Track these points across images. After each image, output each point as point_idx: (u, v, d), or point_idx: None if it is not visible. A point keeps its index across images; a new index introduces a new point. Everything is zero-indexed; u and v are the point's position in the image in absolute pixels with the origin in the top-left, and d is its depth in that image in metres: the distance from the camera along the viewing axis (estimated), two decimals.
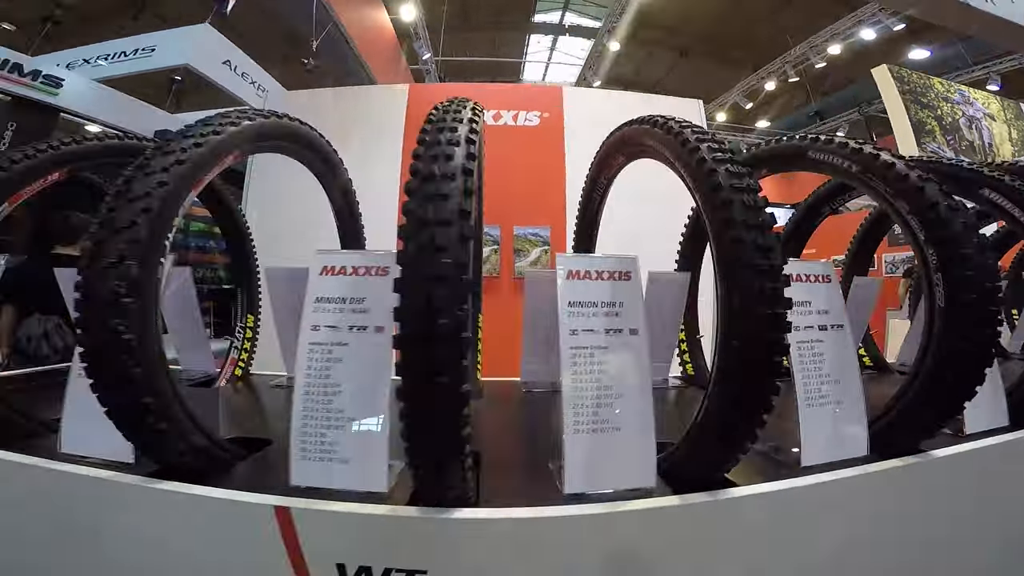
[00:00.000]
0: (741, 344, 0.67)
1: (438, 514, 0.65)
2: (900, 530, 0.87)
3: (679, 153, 0.78)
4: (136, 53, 7.02)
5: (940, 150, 5.96)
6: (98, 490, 0.77)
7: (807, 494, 0.79)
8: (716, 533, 0.75)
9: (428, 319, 0.52)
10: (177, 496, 0.71)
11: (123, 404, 0.71)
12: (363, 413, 0.71)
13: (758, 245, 0.65)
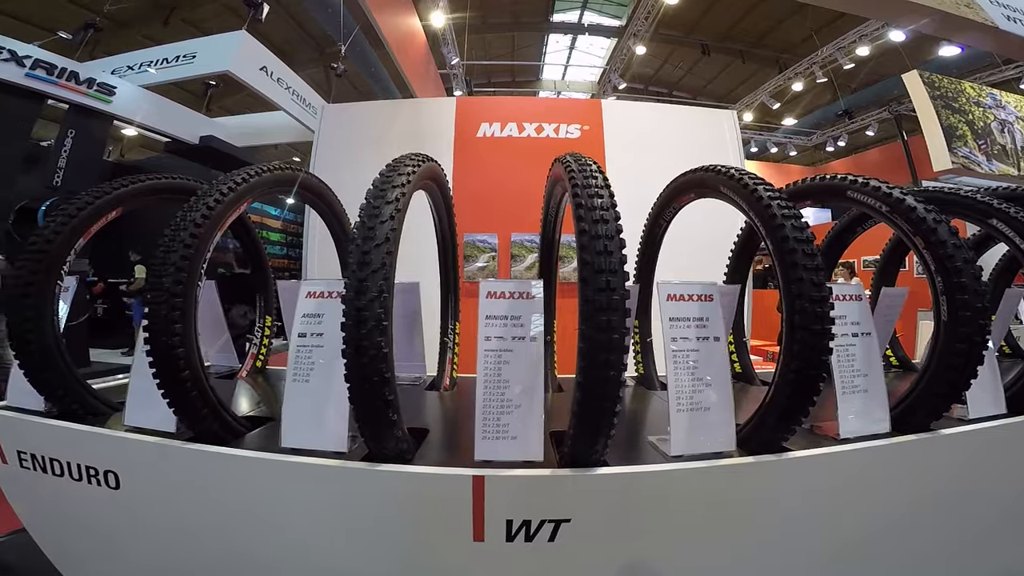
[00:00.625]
0: (801, 349, 0.99)
1: (582, 472, 0.95)
2: (911, 488, 1.19)
3: (754, 206, 1.10)
4: (178, 60, 7.42)
5: (972, 155, 6.12)
6: (317, 474, 0.98)
7: (845, 457, 1.11)
8: (782, 484, 1.07)
9: (608, 334, 0.84)
10: (390, 474, 0.95)
11: (177, 392, 1.05)
12: (526, 401, 1.01)
13: (814, 282, 0.97)
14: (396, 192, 1.02)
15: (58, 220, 1.32)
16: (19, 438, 1.23)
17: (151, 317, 1.06)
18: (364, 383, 0.91)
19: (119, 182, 1.46)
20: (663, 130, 4.04)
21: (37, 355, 1.27)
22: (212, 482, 1.07)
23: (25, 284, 1.26)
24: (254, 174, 1.33)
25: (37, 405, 1.33)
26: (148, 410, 1.18)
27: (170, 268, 1.08)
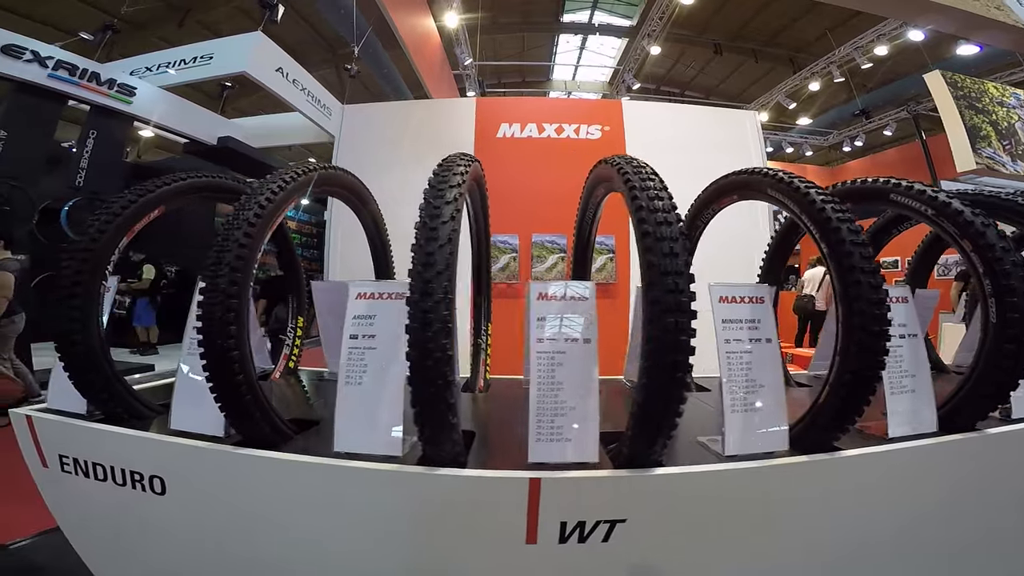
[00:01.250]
0: (858, 351, 1.01)
1: (640, 473, 0.97)
2: (957, 486, 1.22)
3: (807, 209, 1.11)
4: (196, 61, 7.49)
5: (996, 155, 6.06)
6: (373, 479, 0.99)
7: (895, 456, 1.12)
8: (834, 483, 1.09)
9: (676, 335, 0.86)
10: (448, 478, 0.96)
11: (231, 396, 1.05)
12: (580, 403, 1.02)
13: (871, 284, 0.99)
14: (454, 192, 1.03)
15: (102, 219, 1.29)
16: (61, 442, 1.22)
17: (206, 319, 1.03)
18: (429, 386, 0.90)
19: (161, 180, 1.44)
20: (684, 131, 4.05)
21: (82, 357, 1.23)
22: (263, 487, 1.07)
23: (72, 284, 1.21)
24: (302, 172, 1.33)
25: (78, 408, 1.30)
26: (195, 414, 1.18)
27: (224, 268, 1.05)
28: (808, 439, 1.12)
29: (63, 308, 1.20)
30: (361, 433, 1.06)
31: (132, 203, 1.35)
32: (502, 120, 4.10)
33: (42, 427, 1.23)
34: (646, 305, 0.88)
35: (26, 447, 1.25)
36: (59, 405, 1.33)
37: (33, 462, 1.25)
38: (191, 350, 1.19)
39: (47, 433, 1.23)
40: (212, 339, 1.03)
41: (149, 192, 1.40)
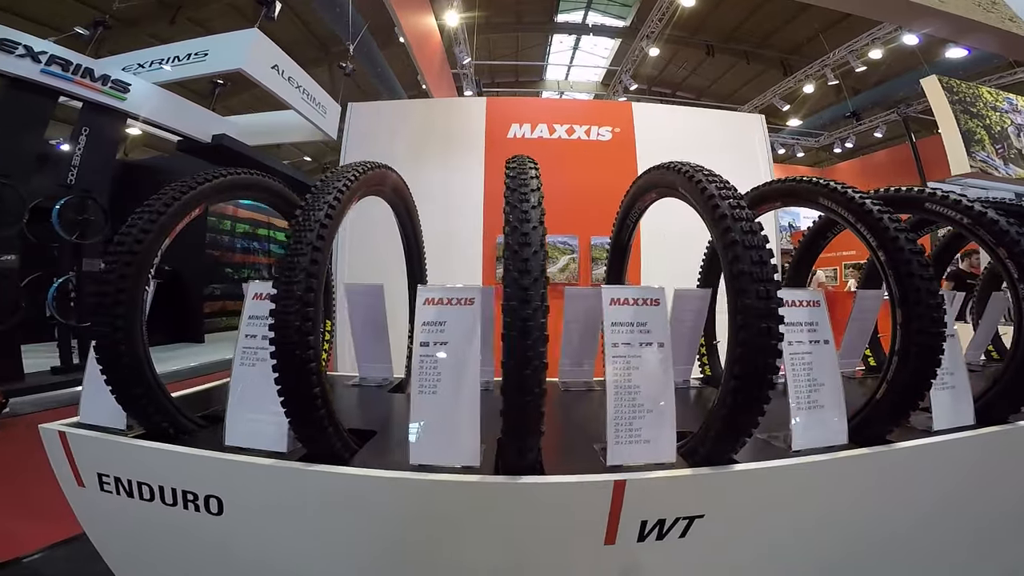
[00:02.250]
0: (919, 350, 1.07)
1: (720, 471, 1.01)
2: (992, 475, 1.33)
3: (864, 218, 1.17)
4: (190, 58, 7.42)
5: (989, 159, 6.27)
6: (455, 491, 0.97)
7: (941, 448, 1.22)
8: (890, 473, 1.16)
9: (768, 339, 0.91)
10: (535, 486, 0.96)
11: (307, 411, 1.00)
12: (657, 405, 1.05)
13: (929, 290, 1.06)
14: (537, 196, 1.03)
15: (145, 218, 1.19)
16: (102, 460, 1.14)
17: (281, 329, 0.96)
18: (525, 395, 0.88)
19: (202, 176, 1.35)
20: (693, 133, 4.12)
21: (128, 369, 1.14)
22: (335, 504, 1.03)
23: (116, 290, 1.12)
24: (363, 170, 1.29)
25: (115, 421, 1.21)
26: (253, 428, 1.12)
27: (300, 274, 0.98)
28: (868, 432, 1.18)
29: (107, 316, 1.11)
30: (439, 444, 1.02)
31: (175, 200, 1.25)
32: (512, 120, 4.12)
33: (78, 444, 1.15)
34: (736, 311, 0.92)
35: (58, 465, 1.17)
36: (94, 419, 1.24)
37: (67, 481, 1.17)
38: (246, 360, 1.16)
39: (84, 450, 1.15)
40: (288, 350, 0.97)
41: (191, 189, 1.30)
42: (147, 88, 6.85)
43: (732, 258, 0.94)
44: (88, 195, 6.24)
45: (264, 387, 1.06)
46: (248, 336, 1.17)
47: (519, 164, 1.15)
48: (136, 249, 1.16)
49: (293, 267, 0.99)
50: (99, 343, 1.12)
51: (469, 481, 0.97)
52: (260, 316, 1.12)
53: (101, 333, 1.12)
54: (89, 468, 1.15)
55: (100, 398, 1.19)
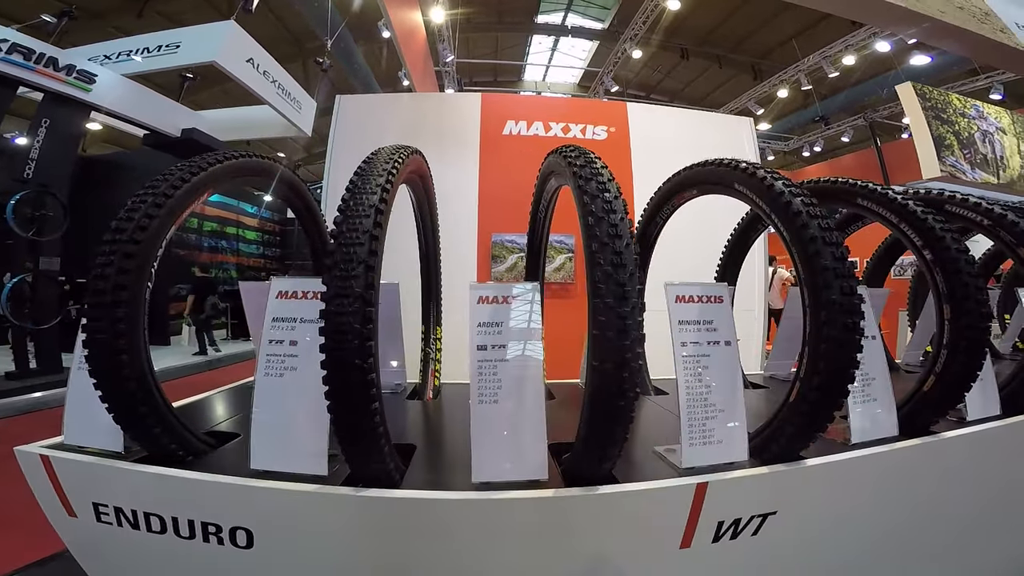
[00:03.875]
0: (968, 345, 1.10)
1: (795, 467, 1.02)
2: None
3: (914, 223, 1.20)
4: (160, 50, 7.13)
5: (958, 164, 6.59)
6: (522, 508, 0.91)
7: (977, 436, 1.27)
8: (934, 461, 1.21)
9: (853, 334, 0.90)
10: (608, 496, 0.92)
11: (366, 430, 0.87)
12: (729, 405, 1.05)
13: (979, 300, 1.09)
14: (615, 185, 0.95)
15: (149, 202, 0.99)
16: (98, 488, 0.99)
17: (334, 334, 0.82)
18: (620, 399, 0.82)
19: (212, 157, 1.16)
20: (685, 134, 4.17)
21: (131, 383, 0.95)
22: (387, 531, 0.93)
23: (115, 288, 0.92)
24: (408, 152, 1.17)
25: (108, 443, 1.04)
26: (282, 450, 0.97)
27: (358, 267, 0.84)
28: (914, 424, 1.21)
29: (105, 319, 0.91)
30: (504, 458, 0.95)
31: (184, 182, 1.05)
32: (508, 117, 4.08)
33: (67, 470, 0.99)
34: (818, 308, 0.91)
35: (42, 492, 1.01)
36: (80, 439, 1.06)
37: (54, 510, 1.01)
38: (271, 371, 1.00)
39: (75, 477, 0.99)
40: (346, 359, 0.82)
41: (201, 170, 1.10)
42: (114, 79, 6.52)
43: (811, 254, 0.93)
44: (46, 190, 5.92)
45: (296, 401, 0.96)
46: (273, 342, 1.02)
47: (582, 153, 1.04)
48: (139, 238, 0.96)
49: (350, 259, 0.84)
50: (95, 352, 0.92)
51: (544, 497, 0.90)
52: (287, 319, 1.02)
53: (97, 340, 0.91)
54: (82, 497, 0.99)
55: (88, 415, 1.03)
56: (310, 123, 9.45)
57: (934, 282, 1.21)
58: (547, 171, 1.38)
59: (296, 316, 1.02)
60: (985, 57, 4.30)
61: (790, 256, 1.00)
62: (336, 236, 0.87)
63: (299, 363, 0.98)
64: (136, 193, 1.01)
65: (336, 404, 0.84)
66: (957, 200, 1.52)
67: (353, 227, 0.87)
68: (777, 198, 1.02)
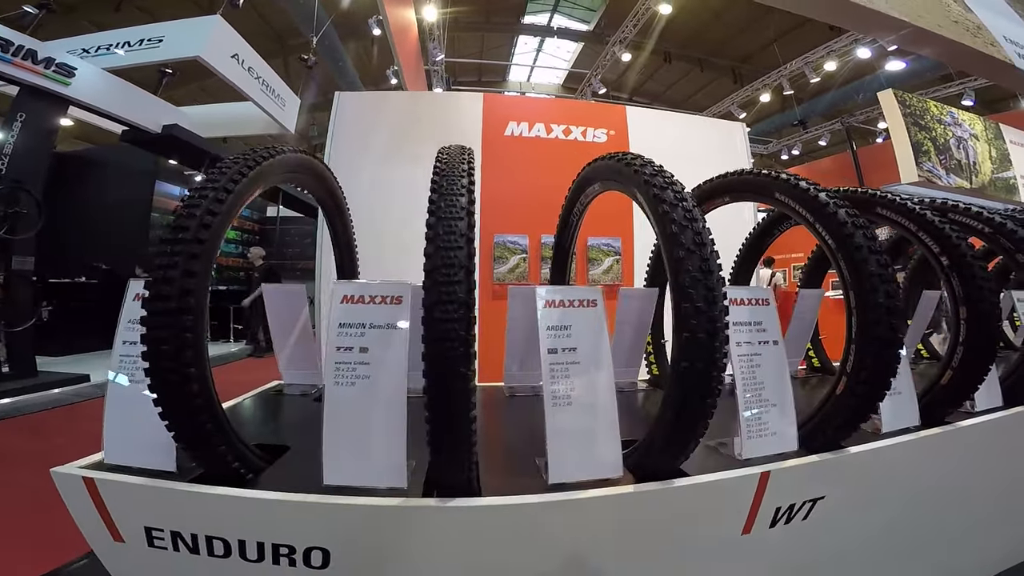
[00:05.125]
0: (983, 342, 1.23)
1: (839, 454, 1.12)
2: None
3: (934, 233, 1.30)
4: (142, 44, 6.96)
5: (934, 169, 6.93)
6: (593, 507, 0.94)
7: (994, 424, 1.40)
8: (951, 446, 1.34)
9: (895, 333, 1.00)
10: (675, 489, 0.96)
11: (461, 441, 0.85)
12: (780, 399, 1.14)
13: (991, 289, 1.21)
14: (689, 193, 0.99)
15: (210, 197, 0.93)
16: (152, 511, 0.92)
17: (440, 341, 0.79)
18: (709, 397, 0.87)
19: (261, 152, 1.10)
20: (682, 138, 4.29)
21: (201, 398, 0.88)
22: (472, 538, 0.92)
23: (182, 294, 0.84)
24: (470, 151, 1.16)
25: (158, 462, 0.98)
26: (358, 464, 0.92)
27: (459, 272, 0.82)
28: (934, 415, 1.34)
29: (173, 330, 0.83)
30: (579, 460, 0.97)
31: (242, 176, 1.00)
32: (510, 118, 4.12)
33: (115, 493, 0.92)
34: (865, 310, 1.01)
35: (84, 517, 0.94)
36: (124, 458, 0.98)
37: (97, 535, 0.94)
38: (341, 379, 0.94)
39: (124, 501, 0.93)
40: (453, 368, 0.80)
41: (257, 163, 1.05)
42: (94, 73, 6.36)
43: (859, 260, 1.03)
44: (19, 186, 5.74)
45: (372, 411, 0.92)
46: (342, 349, 0.96)
47: (648, 162, 1.05)
48: (203, 237, 0.89)
49: (451, 263, 0.82)
50: (161, 365, 0.84)
51: (625, 493, 0.94)
52: (355, 324, 0.97)
53: (164, 352, 0.83)
54: (132, 521, 0.93)
55: (132, 432, 0.96)
56: (294, 120, 9.34)
57: (950, 286, 1.32)
58: (590, 176, 1.44)
59: (365, 321, 0.97)
60: (974, 69, 4.55)
61: (834, 263, 1.09)
62: (432, 239, 0.86)
63: (372, 371, 0.94)
64: (194, 188, 0.96)
65: (437, 413, 0.82)
66: (960, 209, 1.65)
67: (450, 230, 0.85)
68: (822, 208, 1.11)
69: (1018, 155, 8.32)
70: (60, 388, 5.74)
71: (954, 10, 3.78)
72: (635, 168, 1.03)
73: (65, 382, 5.89)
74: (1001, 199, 7.40)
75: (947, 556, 1.43)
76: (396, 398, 0.92)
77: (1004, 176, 8.09)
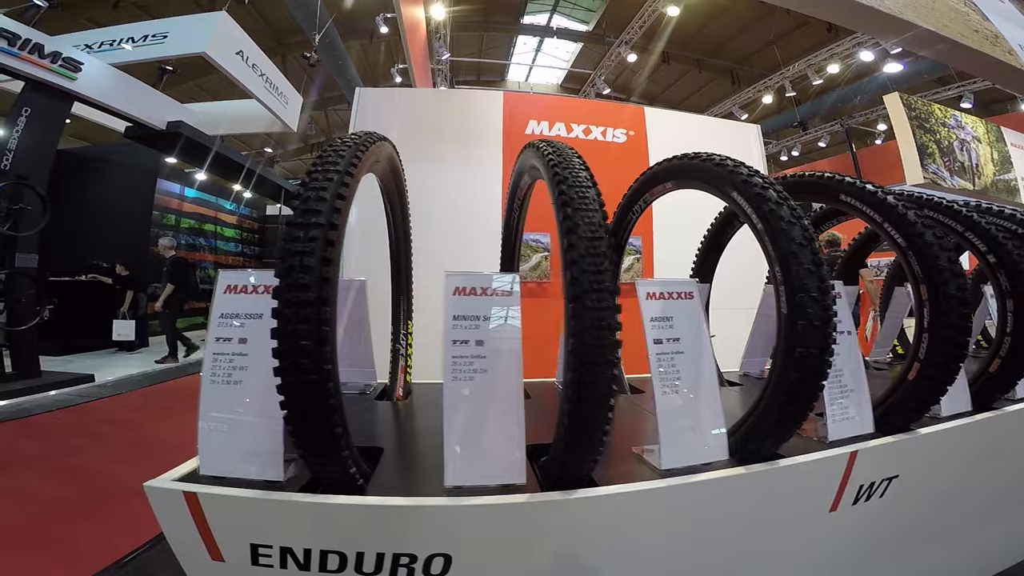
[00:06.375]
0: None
1: (911, 435, 1.23)
2: None
3: (979, 233, 1.41)
4: (146, 40, 6.97)
5: (939, 171, 7.13)
6: (706, 491, 0.99)
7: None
8: (1000, 429, 1.44)
9: (966, 323, 1.09)
10: (780, 471, 1.04)
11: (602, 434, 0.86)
12: (857, 385, 1.24)
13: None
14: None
15: (335, 180, 0.86)
16: (260, 526, 0.85)
17: (592, 329, 0.78)
18: (822, 379, 0.94)
19: (369, 135, 1.05)
20: (698, 139, 4.38)
21: (335, 396, 0.80)
22: (578, 531, 0.93)
23: (320, 283, 0.77)
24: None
25: (261, 471, 0.90)
26: (480, 463, 0.90)
27: (604, 261, 0.81)
28: (982, 400, 1.47)
29: (311, 324, 0.76)
30: (689, 444, 1.02)
31: (358, 159, 0.95)
32: (531, 117, 4.18)
33: (220, 509, 0.85)
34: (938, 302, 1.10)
35: (180, 535, 0.87)
36: (226, 470, 0.90)
37: (193, 554, 0.87)
38: (460, 375, 0.92)
39: (231, 516, 0.85)
40: (600, 358, 0.79)
41: (368, 145, 1.01)
42: (100, 68, 6.36)
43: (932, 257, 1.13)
44: (24, 182, 5.72)
45: (490, 405, 0.91)
46: (458, 343, 0.95)
47: (739, 163, 1.10)
48: (336, 221, 0.82)
49: (596, 252, 0.82)
50: (295, 364, 0.76)
51: (733, 475, 1.00)
52: (468, 316, 0.97)
53: (303, 348, 0.76)
54: (236, 537, 0.86)
55: (232, 439, 0.90)
56: (296, 118, 9.36)
57: (996, 281, 1.43)
58: (660, 175, 1.46)
59: (479, 314, 0.97)
60: (992, 76, 4.67)
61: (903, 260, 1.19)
62: (572, 230, 0.85)
63: (488, 364, 0.93)
64: (315, 169, 0.89)
65: (579, 411, 0.82)
66: (993, 212, 1.77)
67: (589, 220, 0.86)
68: (892, 210, 1.20)
69: (1019, 157, 8.59)
70: (65, 388, 5.73)
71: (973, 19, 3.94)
72: (729, 168, 1.09)
73: (69, 382, 5.88)
74: (1003, 200, 7.64)
75: (1007, 525, 1.56)
76: (515, 391, 0.92)
77: (1006, 178, 8.36)
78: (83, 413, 4.91)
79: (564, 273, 0.83)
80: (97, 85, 6.31)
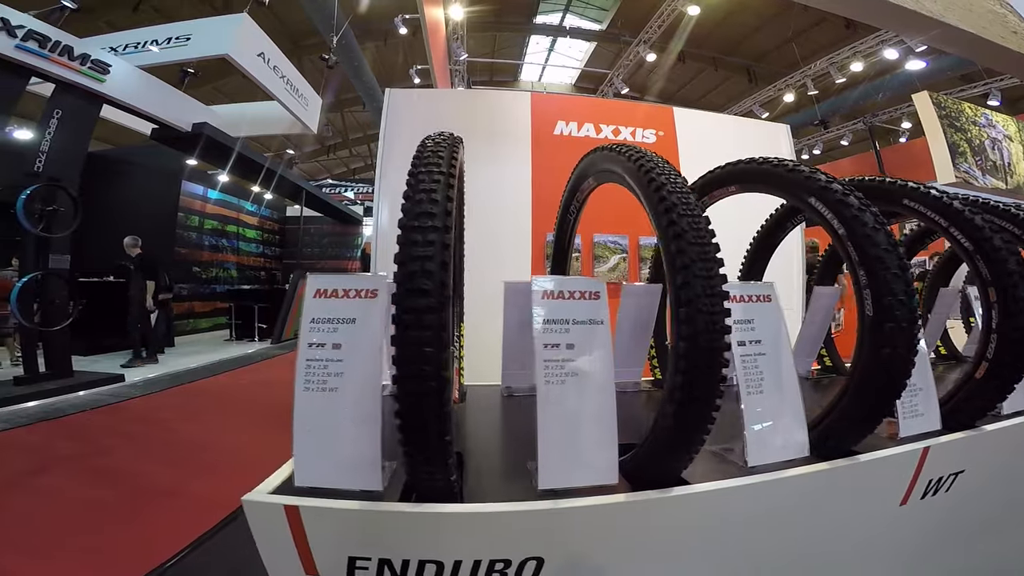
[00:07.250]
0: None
1: (978, 432, 1.27)
2: None
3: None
4: (169, 42, 7.15)
5: (971, 170, 7.11)
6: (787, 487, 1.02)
7: None
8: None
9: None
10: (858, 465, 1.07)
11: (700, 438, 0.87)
12: (924, 383, 1.27)
13: None
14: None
15: (441, 182, 0.85)
16: (360, 538, 0.83)
17: (704, 333, 0.81)
18: (905, 379, 0.96)
19: (449, 139, 1.04)
20: (727, 139, 4.42)
21: (449, 404, 0.78)
22: (664, 530, 0.94)
23: (441, 288, 0.76)
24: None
25: (357, 481, 0.86)
26: (572, 464, 0.90)
27: (714, 265, 0.84)
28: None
29: (434, 331, 0.74)
30: (773, 443, 1.05)
31: (455, 158, 0.94)
32: (559, 118, 4.24)
33: (321, 521, 0.82)
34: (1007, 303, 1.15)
35: (275, 549, 0.83)
36: (324, 480, 0.86)
37: (285, 568, 0.84)
38: (552, 378, 0.92)
39: (332, 529, 0.83)
40: (711, 365, 0.81)
41: (456, 148, 1.01)
42: (128, 70, 6.52)
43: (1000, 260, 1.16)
44: (57, 184, 5.87)
45: (583, 407, 0.92)
46: (549, 346, 0.94)
47: (815, 170, 1.11)
48: (449, 224, 0.80)
49: (706, 257, 0.85)
50: (420, 371, 0.74)
51: (816, 471, 1.03)
52: (559, 320, 0.97)
53: (428, 355, 0.74)
54: (334, 551, 0.83)
55: (328, 449, 0.85)
56: (316, 119, 9.51)
57: None
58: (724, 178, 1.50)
59: (569, 317, 0.98)
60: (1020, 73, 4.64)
61: (969, 263, 1.24)
62: (679, 236, 0.85)
63: (579, 367, 0.94)
64: (419, 170, 0.87)
65: (687, 408, 0.83)
66: (999, 210, 1.78)
67: (696, 225, 0.86)
68: (959, 215, 1.24)
69: None
70: (95, 388, 5.88)
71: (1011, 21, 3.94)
72: (805, 175, 1.11)
73: (101, 382, 6.04)
74: None
75: None
76: (607, 392, 0.95)
77: None
78: (115, 413, 5.05)
79: (672, 277, 0.86)
80: (125, 87, 6.47)
